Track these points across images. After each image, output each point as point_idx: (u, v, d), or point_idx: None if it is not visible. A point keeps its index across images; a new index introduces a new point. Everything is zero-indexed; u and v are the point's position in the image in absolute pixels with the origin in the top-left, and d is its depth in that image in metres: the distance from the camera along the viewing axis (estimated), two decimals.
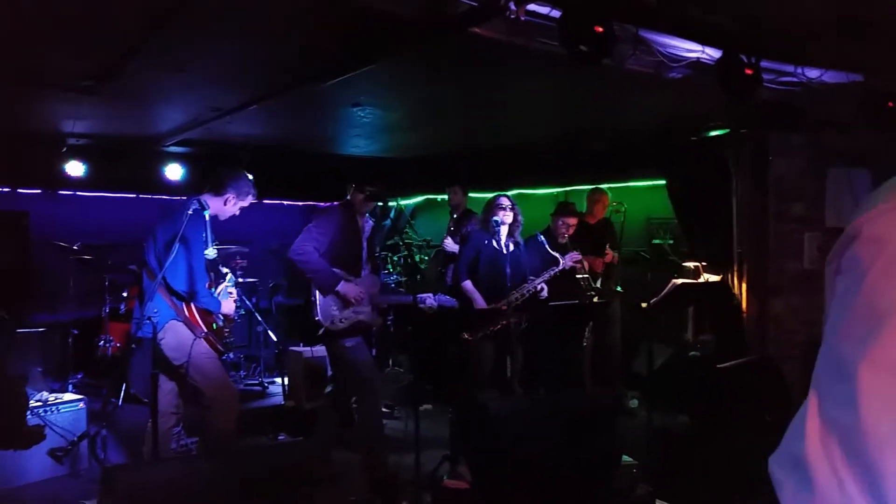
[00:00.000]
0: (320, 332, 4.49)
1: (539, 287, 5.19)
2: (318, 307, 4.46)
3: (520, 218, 5.34)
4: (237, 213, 4.41)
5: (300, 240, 4.43)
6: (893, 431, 0.80)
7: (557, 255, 5.36)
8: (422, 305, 4.66)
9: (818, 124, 5.52)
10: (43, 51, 4.20)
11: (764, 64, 4.18)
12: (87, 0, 3.32)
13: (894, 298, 0.85)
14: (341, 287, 4.45)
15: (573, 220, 5.92)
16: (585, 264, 5.93)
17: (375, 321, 4.87)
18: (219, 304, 4.24)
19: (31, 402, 4.71)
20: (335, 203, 4.81)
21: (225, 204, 4.31)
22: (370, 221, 4.89)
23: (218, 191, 4.30)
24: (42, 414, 4.78)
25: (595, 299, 6.10)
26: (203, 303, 4.13)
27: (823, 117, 5.33)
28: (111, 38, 3.91)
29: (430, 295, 4.71)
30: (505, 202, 5.26)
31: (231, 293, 4.42)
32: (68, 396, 5.14)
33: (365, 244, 4.79)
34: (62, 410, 4.93)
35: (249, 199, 4.42)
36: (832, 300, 0.96)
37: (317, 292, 4.47)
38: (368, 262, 4.81)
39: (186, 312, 4.09)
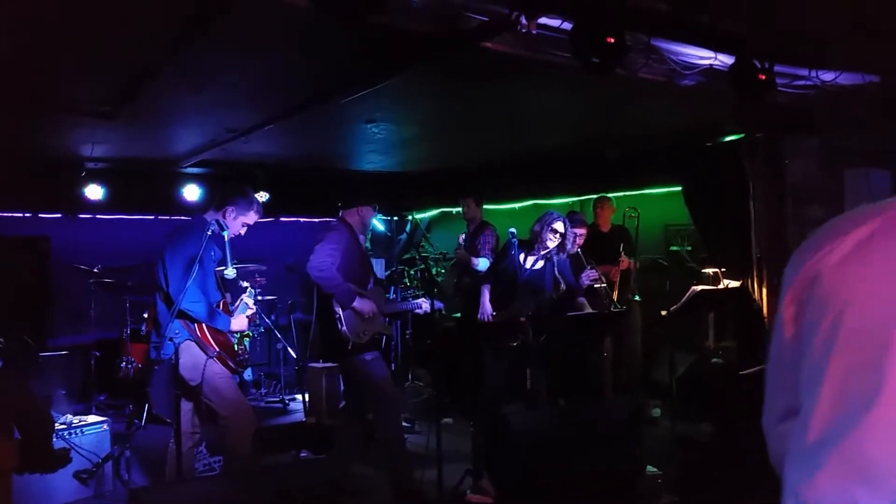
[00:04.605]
0: (349, 346, 4.50)
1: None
2: (344, 322, 4.48)
3: (568, 245, 5.22)
4: (241, 230, 4.37)
5: (317, 256, 4.44)
6: None
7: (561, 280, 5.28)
8: (418, 311, 5.10)
9: (833, 126, 5.49)
10: (61, 77, 4.26)
11: (777, 68, 4.16)
12: (103, 26, 3.37)
13: (864, 391, 0.94)
14: (357, 302, 4.48)
15: (581, 231, 5.80)
16: (602, 279, 5.89)
17: (387, 330, 4.96)
18: (228, 321, 4.22)
19: (56, 424, 4.75)
20: (335, 220, 4.83)
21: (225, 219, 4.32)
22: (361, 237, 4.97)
23: (219, 208, 4.32)
24: (67, 437, 4.81)
25: (613, 308, 6.06)
26: (213, 322, 4.14)
27: (839, 119, 5.29)
28: (128, 63, 3.97)
29: (426, 300, 5.10)
30: (558, 226, 5.12)
31: (248, 304, 4.43)
32: (92, 418, 5.17)
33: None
34: (86, 432, 4.96)
35: (253, 216, 4.38)
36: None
37: (338, 308, 4.50)
38: (371, 274, 4.88)
39: (198, 332, 4.09)
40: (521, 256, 5.22)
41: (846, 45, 4.21)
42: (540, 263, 5.25)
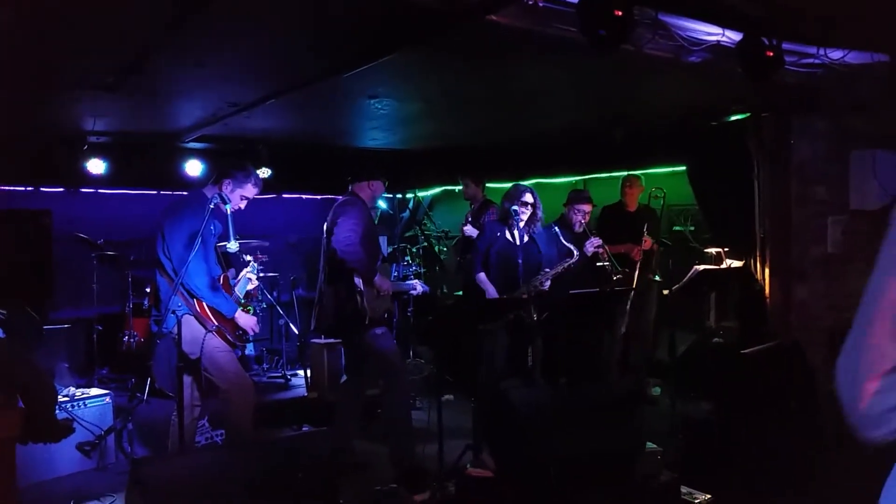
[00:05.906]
0: (366, 321, 4.54)
1: (543, 282, 5.17)
2: (364, 298, 4.51)
3: (539, 214, 5.28)
4: (241, 204, 4.36)
5: (345, 231, 4.48)
6: None
7: (572, 246, 5.28)
8: (413, 292, 5.39)
9: (840, 106, 5.44)
10: (63, 49, 4.22)
11: (785, 46, 4.11)
12: None
13: None
14: (377, 278, 4.53)
15: (587, 208, 5.85)
16: (606, 251, 5.87)
17: (390, 308, 5.02)
18: (234, 309, 4.21)
19: (59, 396, 4.77)
20: (349, 197, 4.81)
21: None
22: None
23: (216, 181, 4.33)
24: (70, 409, 4.85)
25: (619, 286, 6.03)
26: (216, 302, 4.13)
27: (846, 99, 5.25)
28: (131, 35, 3.93)
29: (419, 282, 5.32)
30: (528, 198, 5.19)
31: (251, 278, 4.43)
32: (94, 391, 5.21)
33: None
34: (89, 405, 5.01)
35: (251, 188, 4.37)
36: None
37: (360, 283, 4.50)
38: (380, 251, 4.93)
39: (197, 307, 4.10)
40: (507, 235, 5.22)
41: (855, 24, 4.16)
42: (525, 238, 5.27)
